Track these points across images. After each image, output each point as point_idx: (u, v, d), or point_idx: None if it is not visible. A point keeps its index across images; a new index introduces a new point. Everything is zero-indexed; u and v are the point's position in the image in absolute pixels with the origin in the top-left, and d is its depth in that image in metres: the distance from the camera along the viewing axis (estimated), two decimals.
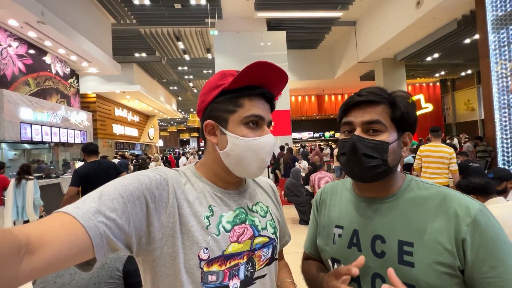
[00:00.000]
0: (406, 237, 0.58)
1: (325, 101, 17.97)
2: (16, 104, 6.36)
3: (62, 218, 0.40)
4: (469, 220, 0.53)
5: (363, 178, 0.63)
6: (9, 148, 7.39)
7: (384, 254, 0.60)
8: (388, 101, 0.62)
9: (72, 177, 2.92)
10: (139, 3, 8.43)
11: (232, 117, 0.59)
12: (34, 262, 0.34)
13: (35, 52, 7.36)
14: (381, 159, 0.60)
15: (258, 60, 0.54)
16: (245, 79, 0.57)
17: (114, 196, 0.46)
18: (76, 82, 9.58)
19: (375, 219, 0.64)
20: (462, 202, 0.56)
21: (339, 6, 9.16)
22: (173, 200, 0.54)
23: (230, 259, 0.56)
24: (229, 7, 9.36)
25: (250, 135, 0.58)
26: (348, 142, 0.62)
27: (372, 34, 9.86)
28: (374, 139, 0.60)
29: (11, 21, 6.03)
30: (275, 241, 0.66)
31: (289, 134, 10.41)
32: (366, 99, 0.62)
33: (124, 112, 15.48)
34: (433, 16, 7.33)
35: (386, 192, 0.65)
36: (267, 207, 0.69)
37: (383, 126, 0.61)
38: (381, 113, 0.61)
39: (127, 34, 10.99)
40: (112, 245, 0.44)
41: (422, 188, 0.62)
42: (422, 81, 16.85)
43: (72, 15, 7.56)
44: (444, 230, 0.55)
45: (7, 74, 6.43)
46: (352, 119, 0.64)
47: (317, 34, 11.73)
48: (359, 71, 12.96)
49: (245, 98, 0.59)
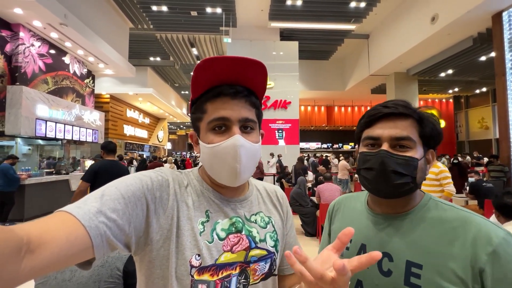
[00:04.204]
0: (415, 258, 0.55)
1: (335, 112, 17.88)
2: (34, 100, 6.58)
3: (63, 218, 0.40)
4: (490, 249, 0.48)
5: (388, 195, 0.59)
6: (23, 143, 7.62)
7: (390, 273, 0.57)
8: (416, 116, 0.59)
9: (86, 172, 2.96)
10: (157, 9, 8.71)
11: (201, 125, 0.57)
12: (34, 261, 0.34)
13: (55, 52, 7.65)
14: (410, 176, 0.57)
15: (202, 59, 0.50)
16: (201, 82, 0.54)
17: (115, 197, 0.45)
18: (92, 83, 9.87)
19: (385, 235, 0.61)
20: (483, 228, 0.51)
21: (353, 19, 9.22)
22: (172, 202, 0.53)
23: (222, 269, 0.54)
24: (243, 16, 9.55)
25: (215, 140, 0.54)
26: (375, 157, 0.59)
27: (385, 47, 9.84)
28: (404, 155, 0.57)
29: (36, 22, 6.31)
30: (274, 255, 0.61)
31: (297, 144, 10.36)
32: (395, 111, 0.59)
33: (135, 113, 15.80)
34: (448, 33, 7.27)
35: (402, 209, 0.61)
36: (268, 218, 0.64)
37: (412, 143, 0.58)
38: (409, 128, 0.58)
39: (144, 39, 11.32)
40: (112, 245, 0.44)
41: (440, 208, 0.59)
42: (435, 96, 16.59)
43: (93, 18, 7.86)
44: (458, 257, 0.51)
45: (28, 71, 6.69)
46: (379, 132, 0.59)
47: (330, 46, 11.79)
48: (370, 84, 12.89)
49: (207, 103, 0.55)
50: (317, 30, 10.07)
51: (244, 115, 0.55)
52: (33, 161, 7.83)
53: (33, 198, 5.63)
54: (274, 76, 10.30)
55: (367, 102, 17.27)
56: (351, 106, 17.73)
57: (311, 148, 18.97)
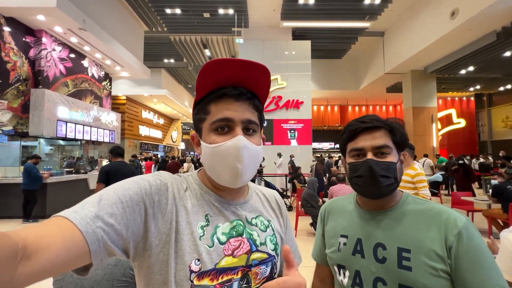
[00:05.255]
0: (404, 244, 0.67)
1: (349, 111, 17.56)
2: (55, 103, 6.89)
3: (60, 223, 0.39)
4: (456, 231, 0.62)
5: (378, 195, 0.71)
6: (46, 143, 7.99)
7: (385, 260, 0.68)
8: (388, 127, 0.72)
9: (99, 174, 3.22)
10: (171, 12, 8.89)
11: (204, 125, 0.57)
12: (30, 268, 0.33)
13: (75, 56, 7.97)
14: (393, 177, 0.70)
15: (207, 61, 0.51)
16: (205, 84, 0.55)
17: (113, 201, 0.45)
18: (109, 85, 10.21)
19: (377, 229, 0.72)
20: (451, 215, 0.65)
21: (367, 17, 9.01)
22: (171, 206, 0.52)
23: (223, 273, 0.53)
24: (255, 16, 9.56)
25: (217, 140, 0.54)
26: (363, 165, 0.70)
27: (401, 44, 9.55)
28: (385, 160, 0.70)
29: (57, 27, 6.61)
30: (274, 258, 0.61)
31: (310, 144, 10.25)
32: (372, 125, 0.71)
33: (150, 114, 16.19)
34: (469, 28, 6.96)
35: (387, 205, 0.74)
36: (268, 222, 0.65)
37: (389, 149, 0.71)
38: (384, 137, 0.71)
39: (158, 41, 11.59)
40: (110, 250, 0.43)
41: (417, 203, 0.72)
42: (455, 95, 15.94)
43: (110, 23, 8.13)
44: (436, 239, 0.64)
45: (50, 75, 7.01)
46: (363, 144, 0.72)
47: (343, 44, 11.59)
48: (385, 83, 12.56)
49: (211, 104, 0.56)
50: (330, 28, 9.92)
51: (247, 116, 0.56)
52: (54, 161, 8.20)
53: (55, 196, 5.90)
54: (286, 76, 10.23)
55: (382, 101, 16.84)
56: (366, 105, 17.34)
57: (324, 148, 18.69)
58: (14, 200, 5.47)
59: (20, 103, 6.26)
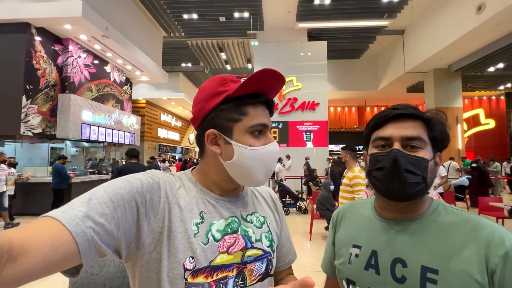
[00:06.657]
0: (430, 263, 0.54)
1: (367, 112, 17.09)
2: (80, 107, 7.28)
3: (48, 223, 0.38)
4: (503, 252, 0.49)
5: (400, 195, 0.57)
6: (72, 145, 8.45)
7: (404, 280, 0.55)
8: (425, 119, 0.59)
9: (112, 174, 3.40)
10: (188, 17, 9.12)
11: (237, 126, 0.56)
12: (16, 270, 0.33)
13: (98, 62, 8.39)
14: (421, 176, 0.56)
15: (264, 68, 0.53)
16: (251, 86, 0.55)
17: (103, 200, 0.44)
18: (130, 89, 10.63)
19: (397, 241, 0.59)
20: (495, 231, 0.51)
21: (386, 15, 8.75)
22: (164, 205, 0.52)
23: (218, 271, 0.52)
24: (270, 18, 9.58)
25: (256, 144, 0.56)
26: (387, 156, 0.58)
27: (423, 42, 9.16)
28: (416, 155, 0.57)
29: (82, 35, 7.00)
30: (270, 255, 0.61)
31: (326, 146, 10.07)
32: (405, 112, 0.59)
33: (168, 117, 16.66)
34: (497, 22, 6.54)
35: (412, 214, 0.60)
36: (264, 218, 0.65)
37: (423, 143, 0.58)
38: (419, 129, 0.58)
39: (176, 46, 11.93)
40: (101, 250, 0.42)
41: (451, 213, 0.58)
42: (482, 94, 15.04)
43: (130, 29, 8.48)
44: (474, 260, 0.50)
45: (75, 81, 7.42)
46: (390, 132, 0.59)
47: (361, 44, 11.32)
48: (406, 83, 12.10)
49: (249, 106, 0.57)
50: (347, 28, 9.73)
51: (271, 123, 0.61)
52: (79, 162, 8.63)
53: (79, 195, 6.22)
54: (302, 77, 10.14)
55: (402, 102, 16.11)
56: (385, 106, 16.77)
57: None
58: (42, 198, 5.82)
59: (49, 107, 6.68)
